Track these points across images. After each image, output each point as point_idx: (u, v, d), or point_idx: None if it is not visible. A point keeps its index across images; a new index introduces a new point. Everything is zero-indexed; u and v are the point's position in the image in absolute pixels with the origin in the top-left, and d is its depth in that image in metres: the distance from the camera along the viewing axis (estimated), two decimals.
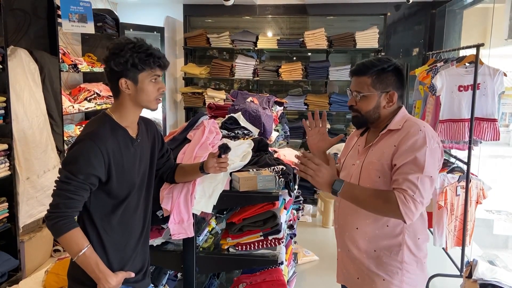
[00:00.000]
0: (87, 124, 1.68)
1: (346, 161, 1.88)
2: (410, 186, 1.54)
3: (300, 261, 3.90)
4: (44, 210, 3.57)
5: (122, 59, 1.57)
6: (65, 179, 1.52)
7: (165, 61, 1.66)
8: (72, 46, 4.76)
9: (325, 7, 5.67)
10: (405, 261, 1.68)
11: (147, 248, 1.87)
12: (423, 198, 1.54)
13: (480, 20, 4.81)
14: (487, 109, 3.39)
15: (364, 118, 1.76)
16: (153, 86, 1.64)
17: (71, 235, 1.54)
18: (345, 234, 1.79)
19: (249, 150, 2.37)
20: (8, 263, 3.25)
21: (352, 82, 1.78)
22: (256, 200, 2.13)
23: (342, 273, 1.87)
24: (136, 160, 1.71)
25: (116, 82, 1.62)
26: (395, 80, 1.71)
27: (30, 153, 3.45)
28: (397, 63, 1.73)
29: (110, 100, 4.76)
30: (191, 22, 6.17)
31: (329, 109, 5.61)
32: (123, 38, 1.62)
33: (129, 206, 1.69)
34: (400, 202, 1.52)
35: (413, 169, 1.56)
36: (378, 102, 1.72)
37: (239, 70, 5.74)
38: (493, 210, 5.38)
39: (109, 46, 1.62)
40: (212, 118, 2.85)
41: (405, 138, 1.61)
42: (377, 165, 1.66)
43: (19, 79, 3.41)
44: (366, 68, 1.72)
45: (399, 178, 1.58)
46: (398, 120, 1.71)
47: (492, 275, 2.97)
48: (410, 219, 1.54)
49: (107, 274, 1.60)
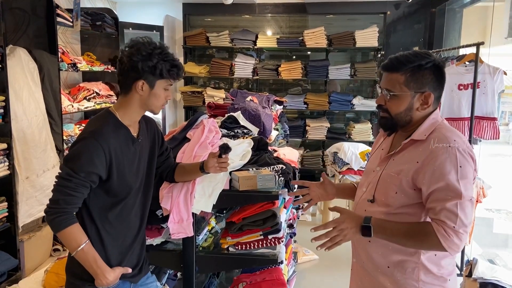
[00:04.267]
0: (90, 121, 1.69)
1: (368, 164, 1.74)
2: (449, 216, 1.35)
3: (300, 260, 3.90)
4: (43, 210, 3.59)
5: (151, 63, 1.59)
6: (66, 176, 1.53)
7: (181, 73, 1.72)
8: (71, 45, 4.75)
9: (325, 6, 5.66)
10: (423, 279, 1.49)
11: (144, 245, 1.89)
12: (466, 226, 1.36)
13: (480, 19, 4.80)
14: (487, 107, 3.39)
15: (393, 121, 1.54)
16: (164, 93, 1.68)
17: (70, 231, 1.56)
18: (359, 246, 1.65)
19: (248, 149, 2.37)
20: (7, 263, 3.24)
21: (383, 78, 1.56)
22: (256, 199, 2.12)
23: (357, 285, 1.72)
24: (136, 160, 1.72)
25: (132, 80, 1.62)
26: (432, 79, 1.50)
27: (30, 152, 3.44)
28: (437, 59, 1.51)
29: (109, 99, 4.75)
30: (190, 21, 6.16)
31: (328, 108, 5.61)
32: (148, 40, 1.63)
33: (127, 204, 1.71)
34: (441, 236, 1.35)
35: (449, 195, 1.36)
36: (411, 104, 1.50)
37: (239, 69, 5.74)
38: (493, 209, 5.38)
39: (135, 44, 1.61)
40: (212, 117, 2.84)
41: (432, 157, 1.41)
42: (396, 180, 1.49)
43: (18, 78, 3.40)
44: (400, 63, 1.49)
45: (435, 206, 1.39)
46: (425, 129, 1.49)
47: (492, 274, 2.96)
48: (456, 251, 1.37)
49: (105, 269, 1.62)
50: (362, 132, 5.57)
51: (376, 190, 1.56)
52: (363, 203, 1.62)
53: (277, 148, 2.89)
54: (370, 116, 5.94)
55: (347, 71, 5.49)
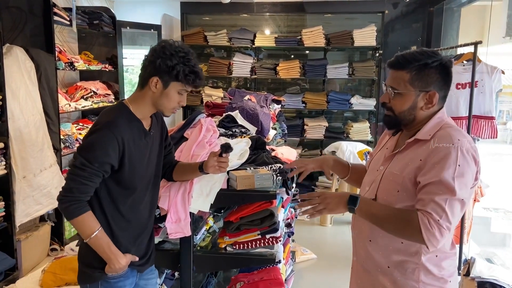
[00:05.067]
0: (104, 112, 1.72)
1: (372, 163, 1.72)
2: (436, 209, 1.35)
3: (298, 259, 3.90)
4: (41, 209, 3.58)
5: (170, 63, 1.62)
6: (81, 165, 1.57)
7: (201, 83, 1.75)
8: (69, 44, 4.74)
9: (323, 5, 5.66)
10: (423, 280, 1.48)
11: (153, 237, 1.93)
12: (450, 223, 1.36)
13: (477, 18, 4.80)
14: (485, 107, 3.39)
15: (397, 119, 1.54)
16: (178, 97, 1.71)
17: (84, 218, 1.60)
18: (359, 244, 1.65)
19: (246, 149, 2.36)
20: (4, 262, 3.23)
21: (388, 76, 1.55)
22: (254, 198, 2.12)
23: (356, 284, 1.72)
24: (147, 152, 1.76)
25: (148, 76, 1.66)
26: (438, 78, 1.48)
27: (27, 151, 3.43)
28: (445, 58, 1.49)
29: (107, 99, 4.74)
30: (188, 20, 6.15)
31: (326, 107, 5.61)
32: (178, 43, 1.67)
33: (137, 195, 1.75)
34: (423, 227, 1.35)
35: (442, 190, 1.36)
36: (415, 102, 1.49)
37: (237, 68, 5.73)
38: (491, 208, 5.40)
39: (163, 43, 1.65)
40: (210, 116, 2.84)
41: (434, 152, 1.41)
42: (398, 178, 1.49)
43: (15, 77, 3.39)
44: (405, 61, 1.48)
45: (424, 198, 1.38)
46: (430, 128, 1.49)
47: (490, 273, 2.97)
48: (434, 246, 1.37)
49: (118, 254, 1.67)
50: (360, 131, 5.57)
51: (379, 189, 1.56)
52: None
53: (275, 147, 2.89)
54: (368, 115, 5.94)
55: (345, 70, 5.49)
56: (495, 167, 6.89)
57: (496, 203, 5.43)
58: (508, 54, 5.00)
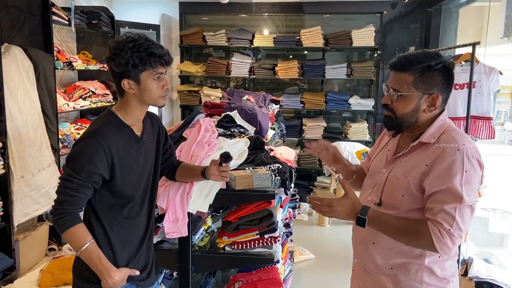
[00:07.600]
0: (93, 121, 1.68)
1: (373, 165, 1.69)
2: (447, 218, 1.34)
3: (296, 259, 3.91)
4: (39, 209, 3.58)
5: (123, 60, 1.55)
6: (68, 177, 1.54)
7: (167, 58, 1.62)
8: (67, 43, 4.73)
9: (321, 5, 5.67)
10: (426, 281, 1.48)
11: (152, 246, 1.88)
12: (462, 231, 1.35)
13: (476, 19, 4.81)
14: (483, 107, 3.39)
15: (398, 121, 1.51)
16: (157, 84, 1.62)
17: (74, 231, 1.55)
18: (361, 247, 1.64)
19: (245, 149, 2.36)
20: (2, 262, 3.22)
21: (390, 77, 1.52)
22: (252, 198, 2.12)
23: (358, 286, 1.71)
24: (141, 159, 1.70)
25: (119, 82, 1.61)
26: (441, 81, 1.46)
27: (25, 151, 3.42)
28: (448, 60, 1.47)
29: (105, 98, 4.73)
30: (187, 20, 6.15)
31: (325, 107, 5.61)
32: (124, 36, 1.59)
33: (134, 204, 1.70)
34: (435, 237, 1.34)
35: (450, 197, 1.35)
36: (418, 105, 1.47)
37: (235, 68, 5.73)
38: (489, 208, 5.40)
39: (110, 45, 1.60)
40: (208, 116, 2.84)
41: (440, 158, 1.39)
42: (403, 183, 1.47)
43: (14, 76, 3.38)
44: (408, 63, 1.45)
45: (434, 207, 1.37)
46: (434, 132, 1.47)
47: (488, 273, 2.98)
48: (447, 254, 1.37)
49: (110, 269, 1.60)
50: (358, 131, 5.58)
51: (383, 193, 1.54)
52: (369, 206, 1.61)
53: (273, 147, 2.89)
54: (367, 115, 5.95)
55: (344, 71, 5.49)
56: (493, 168, 6.90)
57: (494, 203, 5.44)
58: (506, 54, 5.00)
